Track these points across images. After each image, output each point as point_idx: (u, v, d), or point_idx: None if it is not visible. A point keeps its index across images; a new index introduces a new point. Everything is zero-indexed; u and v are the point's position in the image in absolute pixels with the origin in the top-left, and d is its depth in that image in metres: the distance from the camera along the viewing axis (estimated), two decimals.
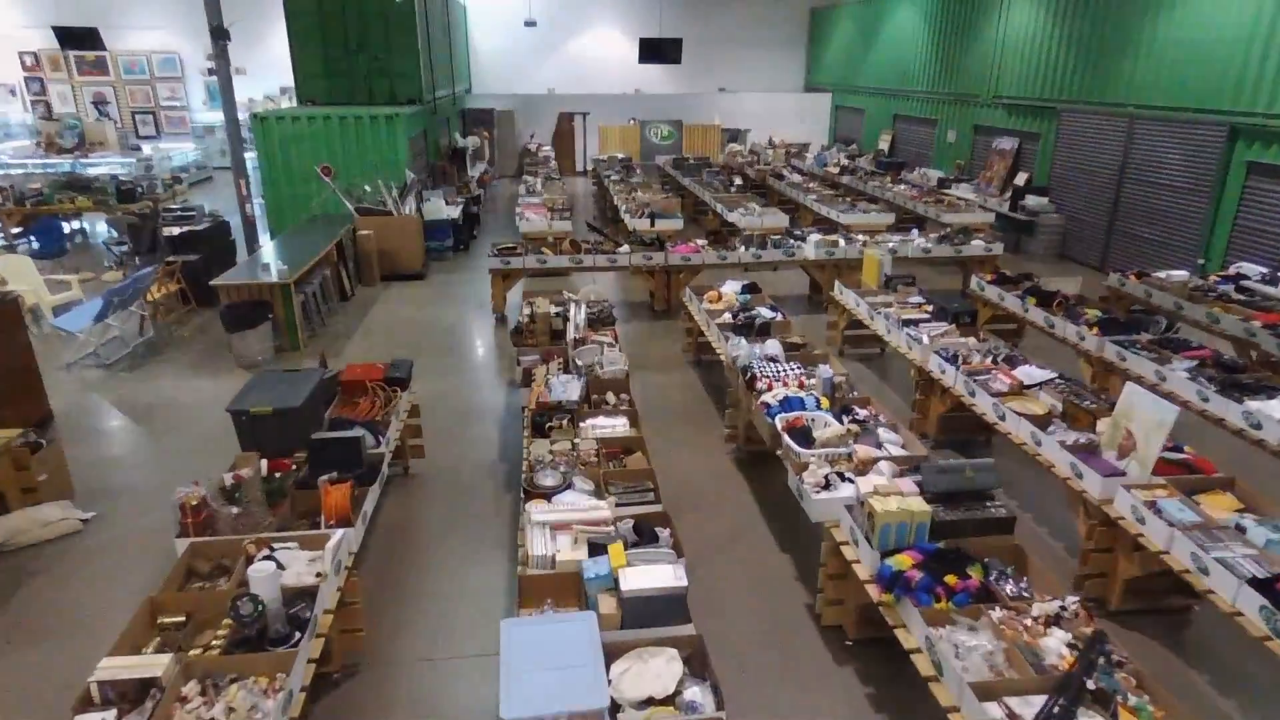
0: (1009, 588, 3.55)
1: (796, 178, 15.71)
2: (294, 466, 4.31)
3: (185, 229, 10.65)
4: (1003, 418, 5.30)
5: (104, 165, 18.37)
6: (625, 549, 3.51)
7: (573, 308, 6.58)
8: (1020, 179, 13.83)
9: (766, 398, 5.24)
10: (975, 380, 5.69)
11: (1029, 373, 5.72)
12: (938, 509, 3.81)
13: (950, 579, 3.42)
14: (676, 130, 21.92)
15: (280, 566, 3.61)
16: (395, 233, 11.30)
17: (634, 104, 22.54)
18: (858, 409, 5.30)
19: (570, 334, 6.28)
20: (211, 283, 8.43)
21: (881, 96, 19.84)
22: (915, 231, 10.60)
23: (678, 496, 5.56)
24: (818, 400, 5.10)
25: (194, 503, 3.78)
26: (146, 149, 21.33)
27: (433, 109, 14.95)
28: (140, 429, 6.93)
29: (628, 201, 12.72)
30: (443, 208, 12.45)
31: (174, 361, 8.49)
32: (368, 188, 11.69)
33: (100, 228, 14.31)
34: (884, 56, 19.52)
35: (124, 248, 11.90)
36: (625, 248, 9.67)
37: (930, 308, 7.28)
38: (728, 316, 7.23)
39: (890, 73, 19.16)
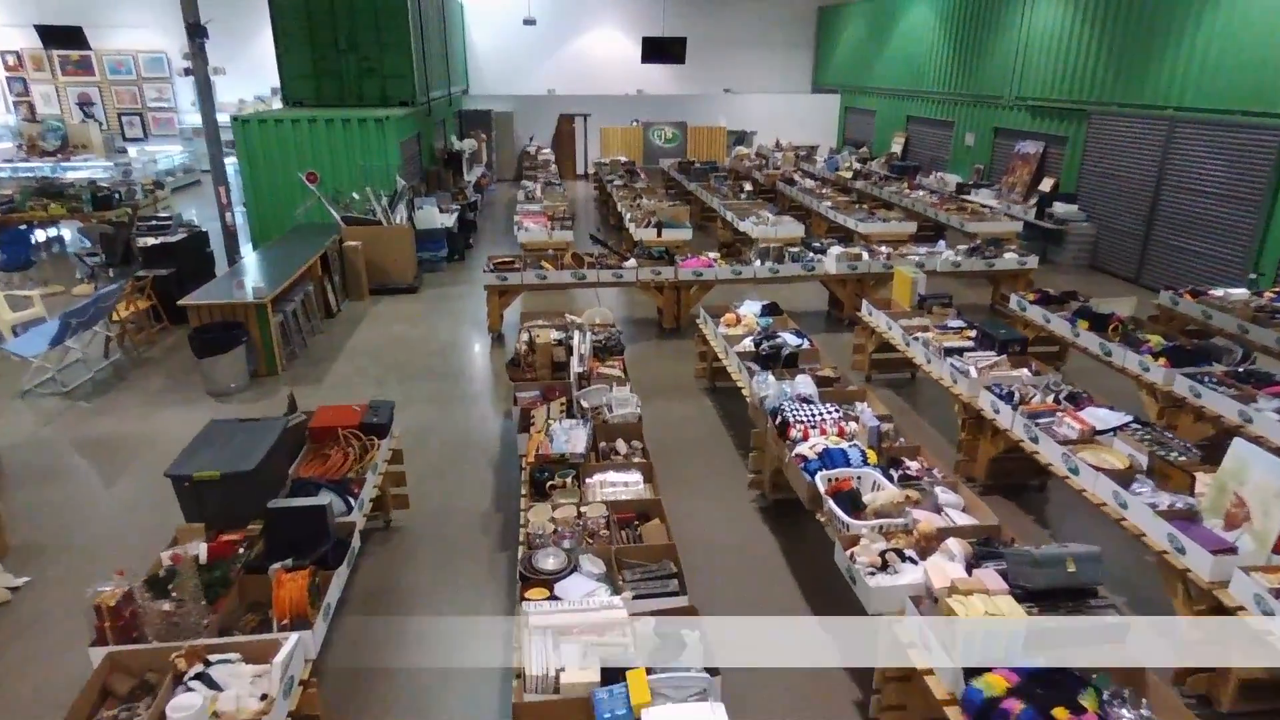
0: (1128, 717, 2.83)
1: (809, 183, 14.99)
2: (241, 549, 3.58)
3: (159, 240, 9.92)
4: (1075, 471, 4.58)
5: (85, 169, 17.65)
6: (648, 671, 2.79)
7: (576, 336, 5.87)
8: (1046, 185, 13.12)
9: (802, 449, 4.52)
10: (1037, 424, 4.97)
11: (1099, 416, 4.99)
12: (1032, 610, 3.09)
13: (1060, 713, 2.70)
14: (681, 132, 21.19)
15: (215, 687, 2.90)
16: (385, 243, 10.58)
17: (636, 105, 21.81)
18: (907, 461, 4.59)
19: (574, 367, 5.57)
20: (179, 302, 7.71)
21: (893, 97, 19.13)
22: (942, 243, 9.88)
23: (697, 556, 4.83)
24: (863, 453, 4.38)
25: (112, 603, 3.06)
26: (132, 151, 20.62)
27: (427, 111, 14.24)
28: (93, 470, 6.20)
29: (632, 209, 12.01)
30: (436, 216, 11.73)
31: (139, 388, 7.76)
32: (356, 195, 10.97)
33: (77, 236, 13.57)
34: (896, 56, 18.81)
35: (96, 259, 11.20)
36: (631, 261, 8.95)
37: (973, 333, 6.55)
38: (748, 343, 6.51)
39: (903, 73, 18.45)
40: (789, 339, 6.36)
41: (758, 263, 9.04)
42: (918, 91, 17.80)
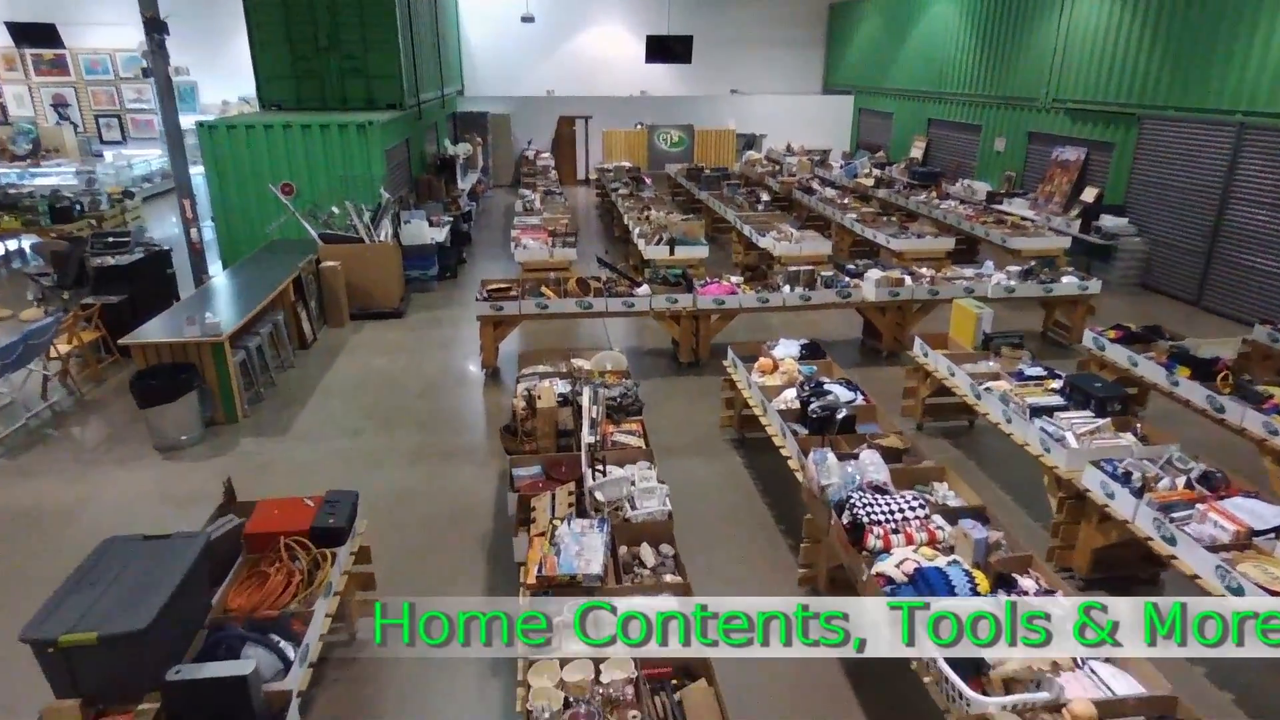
0: None
1: (829, 192, 13.93)
2: None
3: (114, 260, 8.84)
4: (1237, 591, 3.53)
5: (55, 175, 16.58)
6: None
7: (586, 395, 4.81)
8: (1088, 195, 12.07)
9: (886, 567, 3.47)
10: (1173, 519, 3.92)
11: (1253, 510, 3.94)
12: None
13: None
14: (688, 136, 20.15)
15: None
16: (367, 263, 9.51)
17: (640, 107, 20.75)
18: (1019, 580, 3.53)
19: (585, 437, 4.51)
20: (120, 341, 6.65)
21: (913, 99, 18.08)
22: (990, 264, 8.84)
23: (738, 677, 3.78)
24: (969, 576, 3.33)
25: None
26: (109, 155, 19.56)
27: (417, 114, 13.17)
28: None
29: (640, 221, 10.96)
30: (425, 230, 10.66)
31: (76, 440, 6.71)
32: (335, 209, 9.89)
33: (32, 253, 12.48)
34: (916, 54, 17.76)
35: (48, 279, 10.11)
36: (644, 288, 7.89)
37: (1057, 384, 5.50)
38: (790, 396, 5.45)
39: (924, 72, 17.40)
40: (840, 392, 5.31)
41: (786, 289, 7.99)
42: (940, 93, 16.74)
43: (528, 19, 19.61)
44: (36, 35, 19.76)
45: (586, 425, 4.58)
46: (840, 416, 4.83)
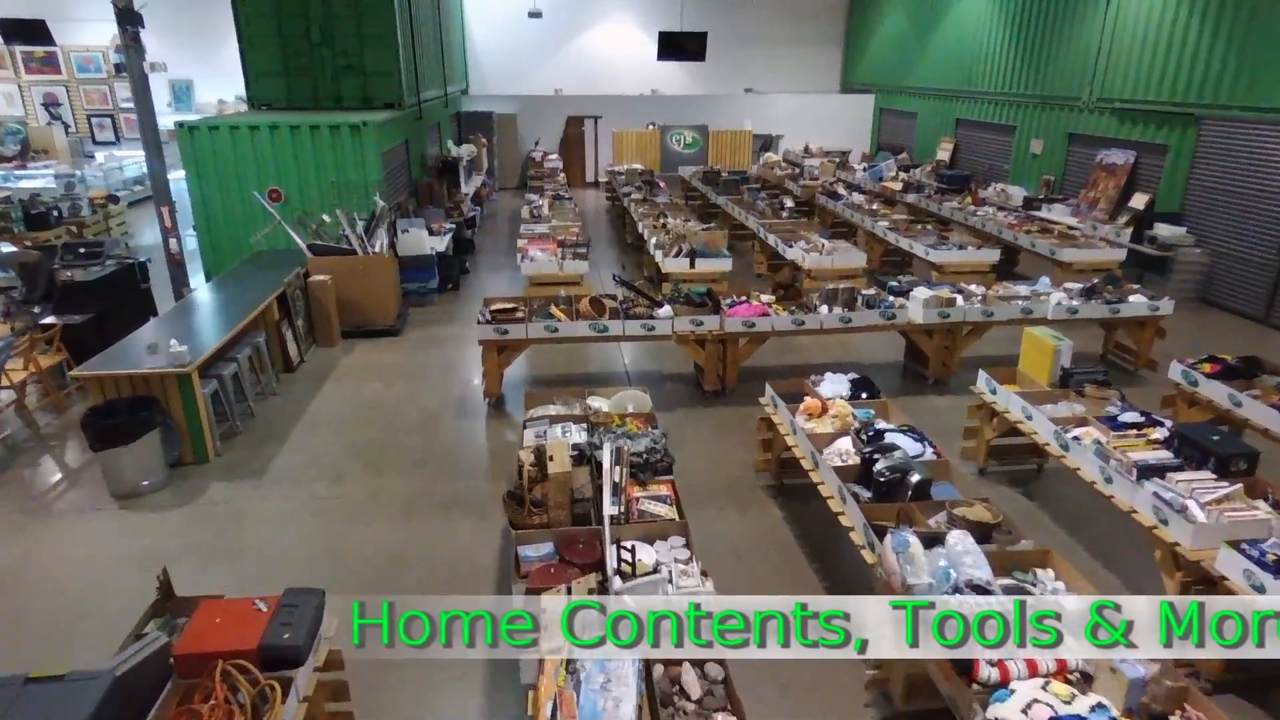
0: None
1: (856, 197, 13.08)
2: None
3: (83, 275, 8.08)
4: None
5: (40, 178, 15.85)
6: None
7: (606, 452, 3.99)
8: (1138, 201, 11.20)
9: (1007, 711, 2.64)
10: None
11: None
12: None
13: None
14: (702, 137, 19.30)
15: None
16: (361, 277, 8.71)
17: (652, 106, 19.91)
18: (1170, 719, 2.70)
19: (606, 507, 3.70)
20: (71, 373, 5.86)
21: (939, 98, 17.21)
22: (1046, 280, 8.00)
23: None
24: None
25: None
26: (100, 156, 18.85)
27: (417, 114, 12.37)
28: None
29: (656, 230, 10.13)
30: (425, 240, 9.86)
31: (22, 483, 5.91)
32: (326, 218, 9.10)
33: None
34: (943, 51, 16.89)
35: (16, 292, 9.34)
36: (666, 309, 7.07)
37: (1161, 435, 4.65)
38: (845, 447, 4.63)
39: (951, 70, 16.53)
40: (906, 444, 4.48)
41: (824, 309, 7.16)
42: (970, 91, 15.87)
43: (535, 14, 18.82)
44: (26, 31, 19.05)
45: (608, 493, 3.77)
46: (914, 480, 4.00)
